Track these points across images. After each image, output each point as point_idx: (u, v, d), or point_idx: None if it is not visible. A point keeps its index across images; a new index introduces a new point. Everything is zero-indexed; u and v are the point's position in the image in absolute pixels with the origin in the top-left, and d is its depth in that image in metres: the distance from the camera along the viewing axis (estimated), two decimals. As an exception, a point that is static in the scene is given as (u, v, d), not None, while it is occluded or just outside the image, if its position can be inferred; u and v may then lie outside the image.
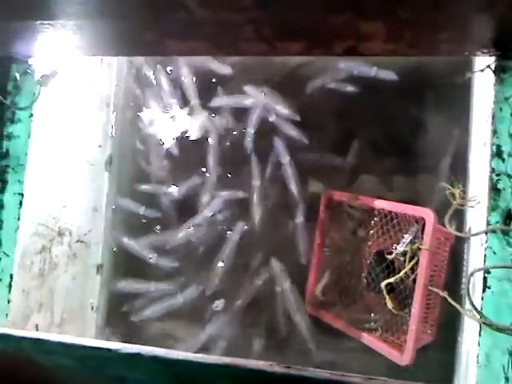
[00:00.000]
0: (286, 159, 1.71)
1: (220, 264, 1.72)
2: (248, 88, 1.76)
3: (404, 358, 1.38)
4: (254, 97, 1.75)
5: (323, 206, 1.68)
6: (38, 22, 1.08)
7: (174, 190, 1.81)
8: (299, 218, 1.70)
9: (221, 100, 1.80)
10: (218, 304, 1.71)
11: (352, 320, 1.57)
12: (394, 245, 1.45)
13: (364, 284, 1.58)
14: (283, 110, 1.71)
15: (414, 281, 1.37)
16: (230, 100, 1.80)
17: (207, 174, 1.79)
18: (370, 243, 1.58)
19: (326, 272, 1.66)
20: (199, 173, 1.81)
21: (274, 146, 1.73)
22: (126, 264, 1.84)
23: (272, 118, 1.74)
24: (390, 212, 1.49)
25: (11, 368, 0.68)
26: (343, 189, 1.65)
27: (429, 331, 1.47)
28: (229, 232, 1.75)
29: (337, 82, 1.70)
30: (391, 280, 1.39)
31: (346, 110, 1.71)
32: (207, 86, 1.81)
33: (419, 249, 1.35)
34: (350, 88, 1.67)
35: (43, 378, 0.66)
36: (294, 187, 1.71)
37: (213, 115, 1.80)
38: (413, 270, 1.38)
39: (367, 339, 1.51)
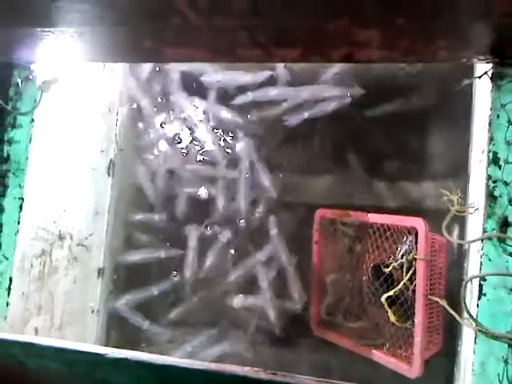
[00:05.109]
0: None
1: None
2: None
3: (413, 371, 1.36)
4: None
5: (317, 224, 1.66)
6: (39, 29, 1.09)
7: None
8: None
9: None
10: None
11: (358, 337, 1.55)
12: (391, 257, 1.44)
13: (366, 299, 1.57)
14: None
15: (414, 291, 1.36)
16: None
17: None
18: (367, 258, 1.57)
19: (327, 292, 1.64)
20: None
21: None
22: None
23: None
24: (383, 225, 1.48)
25: (1, 371, 0.69)
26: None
27: (435, 340, 1.45)
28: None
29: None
30: (391, 293, 1.38)
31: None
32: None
33: (415, 259, 1.34)
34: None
35: (32, 382, 0.66)
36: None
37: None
38: (411, 280, 1.37)
39: (375, 355, 1.48)
